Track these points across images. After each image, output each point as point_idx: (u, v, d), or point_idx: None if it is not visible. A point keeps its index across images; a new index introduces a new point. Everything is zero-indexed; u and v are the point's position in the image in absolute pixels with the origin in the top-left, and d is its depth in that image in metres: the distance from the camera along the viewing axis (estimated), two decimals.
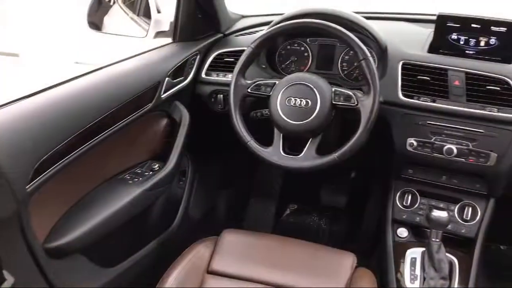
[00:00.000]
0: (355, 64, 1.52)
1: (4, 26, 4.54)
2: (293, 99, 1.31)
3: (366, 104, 1.26)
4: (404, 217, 1.48)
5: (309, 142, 1.32)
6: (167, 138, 1.55)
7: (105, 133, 1.25)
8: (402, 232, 1.48)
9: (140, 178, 1.39)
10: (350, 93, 1.29)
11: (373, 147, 1.51)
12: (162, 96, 1.47)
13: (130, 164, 1.47)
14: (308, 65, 1.62)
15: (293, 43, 1.63)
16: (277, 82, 1.36)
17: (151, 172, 1.43)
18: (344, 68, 1.57)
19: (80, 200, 1.28)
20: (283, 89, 1.33)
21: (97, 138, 1.22)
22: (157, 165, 1.47)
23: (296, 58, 1.63)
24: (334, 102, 1.30)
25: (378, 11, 1.74)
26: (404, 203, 1.49)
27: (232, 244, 1.35)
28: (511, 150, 1.31)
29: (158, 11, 1.66)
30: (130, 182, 1.37)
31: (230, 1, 1.77)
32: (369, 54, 1.27)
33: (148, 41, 1.67)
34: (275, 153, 1.33)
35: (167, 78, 1.48)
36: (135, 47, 1.57)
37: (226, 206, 2.10)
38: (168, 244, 1.58)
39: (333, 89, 1.31)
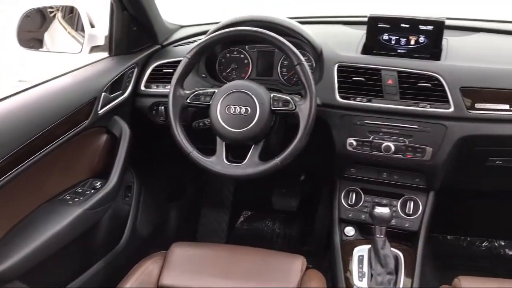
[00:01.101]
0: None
1: None
2: (232, 107, 1.31)
3: (304, 108, 1.28)
4: (350, 215, 1.51)
5: (251, 149, 1.33)
6: (108, 154, 1.51)
7: (41, 152, 1.21)
8: (349, 230, 1.50)
9: (81, 198, 1.35)
10: (288, 98, 1.31)
11: (316, 149, 1.54)
12: (99, 112, 1.44)
13: (71, 183, 1.42)
14: (249, 72, 1.63)
15: (232, 51, 1.63)
16: (216, 91, 1.36)
17: (92, 191, 1.40)
18: (284, 73, 1.59)
19: (17, 224, 1.23)
20: (222, 98, 1.33)
21: (32, 158, 1.18)
22: (99, 183, 1.43)
23: (236, 66, 1.63)
24: (273, 108, 1.31)
25: (316, 15, 1.77)
26: (349, 202, 1.52)
27: (181, 257, 1.33)
28: (445, 144, 1.36)
29: (92, 26, 1.63)
30: (70, 202, 1.33)
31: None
32: (303, 59, 1.29)
33: (86, 57, 1.64)
34: (218, 162, 1.33)
35: (103, 93, 1.45)
36: (75, 63, 1.54)
37: (177, 219, 2.07)
38: (116, 263, 1.54)
39: (272, 95, 1.32)
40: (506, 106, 1.32)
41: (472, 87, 1.34)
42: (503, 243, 2.12)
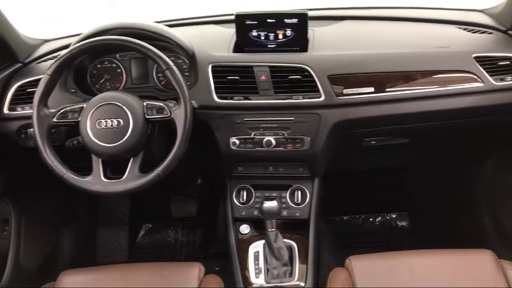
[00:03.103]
0: None
1: None
2: (103, 121, 1.25)
3: (179, 114, 1.25)
4: (243, 213, 1.51)
5: (130, 162, 1.27)
6: None
7: None
8: (244, 228, 1.51)
9: None
10: (162, 104, 1.27)
11: (204, 151, 1.52)
12: None
13: None
14: (123, 81, 1.56)
15: (103, 61, 1.56)
16: (84, 106, 1.28)
17: None
18: (160, 78, 1.55)
19: None
20: (91, 113, 1.26)
21: None
22: None
23: (109, 76, 1.56)
24: (147, 117, 1.27)
25: (189, 16, 1.75)
26: (241, 200, 1.52)
27: (71, 286, 1.25)
28: (321, 131, 1.41)
29: None
30: None
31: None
32: (171, 63, 1.26)
33: None
34: (96, 181, 1.26)
35: None
36: None
37: (72, 244, 1.95)
38: None
39: (145, 103, 1.28)
40: (371, 89, 1.39)
41: (339, 74, 1.39)
42: (394, 216, 2.27)
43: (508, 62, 1.42)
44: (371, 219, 2.27)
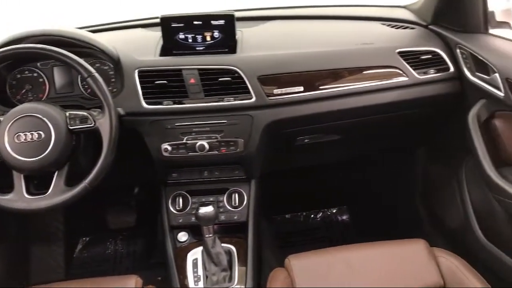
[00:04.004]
0: None
1: None
2: (22, 134, 1.17)
3: (104, 123, 1.20)
4: (180, 221, 1.47)
5: (55, 176, 1.21)
6: None
7: None
8: (182, 236, 1.47)
9: None
10: (86, 114, 1.22)
11: (137, 159, 1.47)
12: None
13: None
14: (47, 91, 1.48)
15: (23, 71, 1.47)
16: (1, 119, 1.20)
17: None
18: (86, 86, 1.48)
19: None
20: (8, 126, 1.18)
21: None
22: None
23: (31, 86, 1.47)
24: (70, 128, 1.21)
25: (104, 22, 1.69)
26: (177, 207, 1.48)
27: None
28: (254, 133, 1.40)
29: None
30: None
31: None
32: (93, 70, 1.21)
33: None
34: (18, 198, 1.19)
35: None
36: None
37: (0, 265, 1.83)
38: None
39: (67, 113, 1.22)
40: (301, 88, 1.40)
41: (269, 74, 1.39)
42: (334, 211, 2.31)
43: (430, 56, 1.48)
44: (312, 216, 2.30)
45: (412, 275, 1.18)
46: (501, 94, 1.28)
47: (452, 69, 1.48)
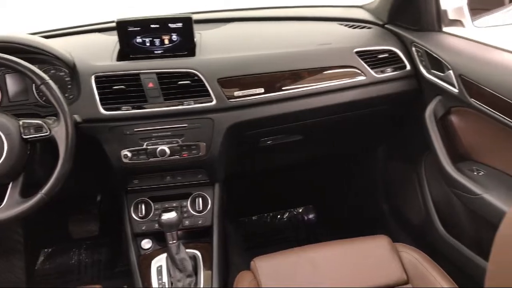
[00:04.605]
0: None
1: None
2: None
3: (59, 131, 1.17)
4: (143, 228, 1.45)
5: (9, 187, 1.17)
6: None
7: None
8: (146, 243, 1.45)
9: None
10: (40, 122, 1.18)
11: (98, 166, 1.44)
12: None
13: None
14: None
15: None
16: None
17: None
18: (40, 94, 1.43)
19: None
20: None
21: None
22: None
23: None
24: (24, 137, 1.16)
25: (59, 27, 1.64)
26: (140, 214, 1.46)
27: None
28: (215, 136, 1.39)
29: None
30: None
31: None
32: (46, 77, 1.18)
33: None
34: None
35: None
36: None
37: None
38: None
39: (21, 122, 1.18)
40: (261, 90, 1.40)
41: (228, 77, 1.38)
42: (300, 210, 2.32)
43: (387, 55, 1.51)
44: (279, 216, 2.30)
45: (376, 271, 1.19)
46: (455, 90, 1.31)
47: (408, 67, 1.51)
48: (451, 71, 1.31)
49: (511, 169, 1.25)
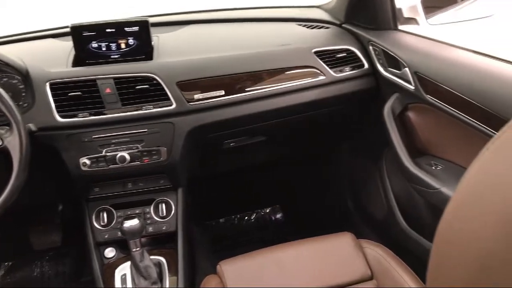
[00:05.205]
0: None
1: None
2: None
3: (12, 141, 1.13)
4: (106, 236, 1.42)
5: None
6: None
7: None
8: (109, 252, 1.41)
9: None
10: None
11: (57, 175, 1.40)
12: None
13: None
14: None
15: None
16: None
17: None
18: None
19: None
20: None
21: None
22: None
23: None
24: None
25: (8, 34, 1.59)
26: (102, 223, 1.43)
27: None
28: (176, 140, 1.37)
29: None
30: None
31: None
32: None
33: None
34: None
35: None
36: None
37: None
38: None
39: None
40: (222, 92, 1.39)
41: (188, 80, 1.37)
42: (267, 211, 2.32)
43: (345, 54, 1.53)
44: (246, 218, 2.29)
45: (341, 268, 1.20)
46: (411, 87, 1.34)
47: (366, 65, 1.53)
48: (407, 69, 1.34)
49: (467, 163, 1.28)
